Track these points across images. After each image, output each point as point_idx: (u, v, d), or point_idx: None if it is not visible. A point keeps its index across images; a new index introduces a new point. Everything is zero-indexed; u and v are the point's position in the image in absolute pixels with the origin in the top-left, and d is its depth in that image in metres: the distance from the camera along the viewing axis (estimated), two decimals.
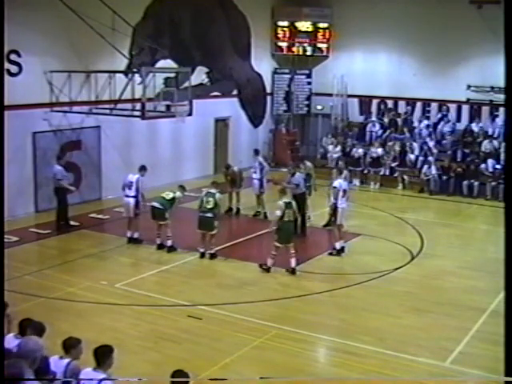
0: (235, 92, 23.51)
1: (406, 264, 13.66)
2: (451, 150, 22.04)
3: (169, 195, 13.98)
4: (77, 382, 6.02)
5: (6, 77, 14.44)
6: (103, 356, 6.04)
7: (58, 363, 6.08)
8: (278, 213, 12.74)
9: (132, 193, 14.14)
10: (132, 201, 14.12)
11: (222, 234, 14.43)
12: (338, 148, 23.09)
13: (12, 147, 13.64)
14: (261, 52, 24.32)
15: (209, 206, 13.36)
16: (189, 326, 10.27)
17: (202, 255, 13.65)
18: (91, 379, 5.92)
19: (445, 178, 20.83)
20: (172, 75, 17.78)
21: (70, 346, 6.27)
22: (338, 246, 13.98)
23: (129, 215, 14.27)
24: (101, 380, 5.90)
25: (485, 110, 22.54)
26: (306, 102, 25.71)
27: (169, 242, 13.96)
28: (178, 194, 14.11)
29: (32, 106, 16.17)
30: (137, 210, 14.17)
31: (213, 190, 13.61)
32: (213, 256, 13.59)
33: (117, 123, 17.78)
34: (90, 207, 17.53)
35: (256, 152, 17.86)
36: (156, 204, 13.91)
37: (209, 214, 13.38)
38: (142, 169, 14.41)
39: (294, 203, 13.00)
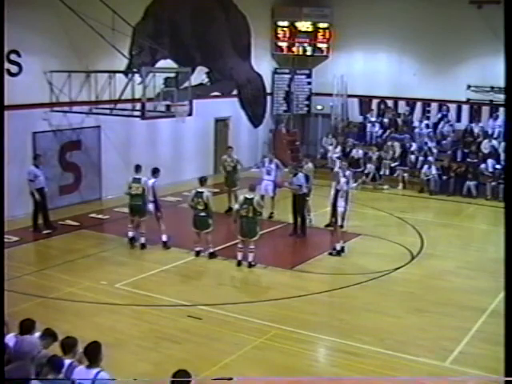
0: (235, 92, 23.52)
1: (406, 264, 13.65)
2: (451, 150, 22.05)
3: (139, 189, 13.96)
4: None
5: (6, 77, 14.43)
6: (95, 353, 6.06)
7: None
8: (236, 206, 13.32)
9: (150, 197, 14.03)
10: (151, 205, 14.05)
11: (222, 234, 14.44)
12: (338, 148, 23.08)
13: (12, 147, 13.60)
14: (261, 52, 24.32)
15: (200, 207, 13.44)
16: (189, 326, 10.27)
17: (197, 254, 13.67)
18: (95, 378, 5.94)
19: (445, 177, 20.83)
20: (172, 75, 17.76)
21: (69, 345, 6.26)
22: (338, 246, 13.98)
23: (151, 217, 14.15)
24: (97, 373, 5.90)
25: (485, 109, 22.55)
26: (306, 102, 25.71)
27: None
28: (144, 179, 14.04)
29: (32, 106, 16.17)
30: (158, 213, 14.10)
31: (200, 189, 13.61)
32: (212, 255, 13.60)
33: (117, 123, 17.78)
34: (89, 207, 17.53)
35: (272, 154, 18.11)
36: (135, 202, 13.99)
37: (202, 214, 13.44)
38: (156, 171, 14.25)
39: (255, 200, 13.10)
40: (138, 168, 14.30)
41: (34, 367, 5.77)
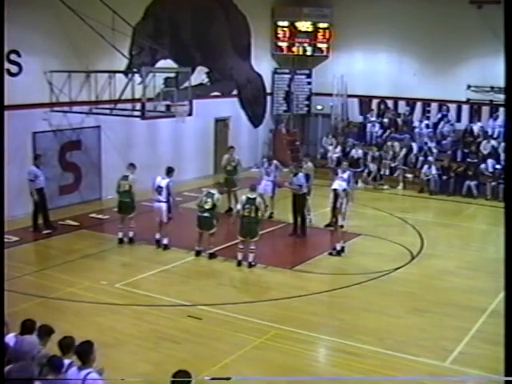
0: (235, 92, 23.52)
1: (406, 264, 13.65)
2: (451, 150, 22.05)
3: (126, 186, 14.13)
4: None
5: (6, 77, 14.44)
6: (86, 353, 5.99)
7: None
8: (239, 206, 13.37)
9: (163, 198, 13.93)
10: (164, 206, 13.94)
11: (222, 234, 14.44)
12: (338, 148, 23.08)
13: (12, 147, 13.62)
14: (261, 52, 24.32)
15: (207, 207, 13.44)
16: (189, 326, 10.27)
17: (198, 253, 13.67)
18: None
19: (445, 177, 20.84)
20: (172, 75, 17.76)
21: (68, 345, 6.23)
22: (338, 246, 13.98)
23: (161, 220, 14.03)
24: (87, 374, 5.86)
25: (485, 109, 22.55)
26: (306, 102, 25.70)
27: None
28: (131, 176, 14.23)
29: (32, 106, 16.17)
30: (169, 214, 14.01)
31: (213, 191, 13.64)
32: (212, 256, 13.60)
33: (117, 123, 17.78)
34: (90, 207, 17.53)
35: (272, 155, 18.55)
36: (123, 199, 14.19)
37: (206, 214, 13.44)
38: (171, 171, 14.17)
39: (258, 200, 13.16)
40: (129, 166, 14.47)
41: (36, 367, 5.77)
